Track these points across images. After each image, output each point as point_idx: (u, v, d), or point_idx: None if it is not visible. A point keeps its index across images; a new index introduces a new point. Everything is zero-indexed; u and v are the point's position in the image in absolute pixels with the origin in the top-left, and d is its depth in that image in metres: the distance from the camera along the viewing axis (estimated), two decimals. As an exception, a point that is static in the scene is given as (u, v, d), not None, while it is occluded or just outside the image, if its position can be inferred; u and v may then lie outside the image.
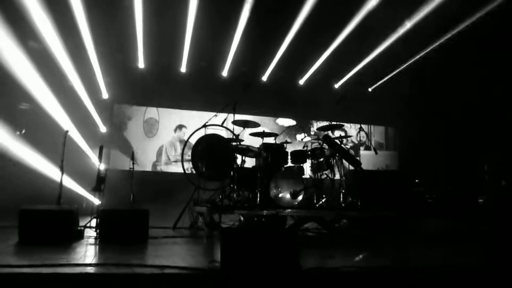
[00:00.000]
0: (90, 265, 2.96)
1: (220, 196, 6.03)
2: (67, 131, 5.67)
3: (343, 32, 8.35)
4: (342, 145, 6.53)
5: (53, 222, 4.22)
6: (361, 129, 7.15)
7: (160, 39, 8.66)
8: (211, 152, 6.42)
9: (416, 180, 7.67)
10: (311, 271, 2.89)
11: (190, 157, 6.20)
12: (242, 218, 6.06)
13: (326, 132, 6.98)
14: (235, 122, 6.52)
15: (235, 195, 5.98)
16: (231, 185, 6.09)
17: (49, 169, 7.35)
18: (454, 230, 5.60)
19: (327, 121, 8.62)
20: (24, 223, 4.13)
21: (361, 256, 3.81)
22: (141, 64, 9.27)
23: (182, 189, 6.90)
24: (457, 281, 2.95)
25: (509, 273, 2.90)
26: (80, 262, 3.05)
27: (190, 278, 2.72)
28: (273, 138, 6.83)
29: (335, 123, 6.99)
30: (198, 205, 6.04)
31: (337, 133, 7.16)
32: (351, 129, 10.85)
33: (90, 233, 4.74)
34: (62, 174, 5.35)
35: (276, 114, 10.54)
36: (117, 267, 2.88)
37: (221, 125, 6.52)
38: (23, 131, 7.79)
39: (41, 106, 7.78)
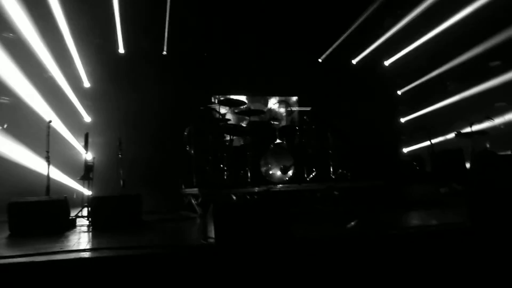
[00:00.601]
0: (84, 250, 2.95)
1: (211, 177, 6.04)
2: (50, 122, 5.57)
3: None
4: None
5: (43, 213, 4.18)
6: None
7: (139, 22, 8.49)
8: (199, 133, 6.42)
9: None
10: (303, 239, 2.92)
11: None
12: (234, 197, 6.08)
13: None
14: (220, 102, 6.48)
15: (225, 175, 5.99)
16: (221, 165, 6.10)
17: (35, 162, 7.24)
18: (440, 194, 5.72)
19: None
20: (13, 216, 4.08)
21: (352, 223, 3.87)
22: (121, 49, 9.09)
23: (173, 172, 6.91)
24: (437, 240, 3.02)
25: (491, 231, 2.97)
26: (74, 248, 3.04)
27: (187, 256, 2.73)
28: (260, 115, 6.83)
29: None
30: (190, 187, 6.04)
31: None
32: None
33: (83, 222, 4.73)
34: (49, 165, 5.29)
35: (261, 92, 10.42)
36: (113, 251, 2.88)
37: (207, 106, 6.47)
38: (5, 126, 7.62)
39: (21, 99, 7.60)
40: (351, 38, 9.85)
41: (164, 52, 9.44)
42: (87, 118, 8.80)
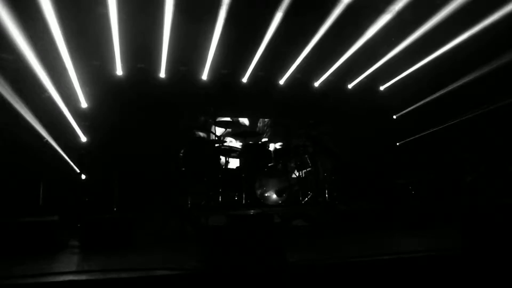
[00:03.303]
0: (73, 272, 2.90)
1: (206, 198, 6.01)
2: (45, 141, 5.57)
3: (320, 30, 8.42)
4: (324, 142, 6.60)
5: (33, 233, 4.13)
6: None
7: (137, 45, 8.59)
8: (194, 155, 6.41)
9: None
10: (296, 263, 2.89)
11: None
12: (228, 220, 6.02)
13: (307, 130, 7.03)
14: (216, 124, 6.51)
15: (220, 197, 5.96)
16: (216, 187, 6.07)
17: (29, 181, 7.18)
18: (435, 217, 5.69)
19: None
20: (3, 235, 4.03)
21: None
22: (119, 71, 9.18)
23: (167, 193, 6.86)
24: (436, 264, 2.99)
25: (483, 255, 2.96)
26: (64, 270, 2.98)
27: (177, 279, 2.69)
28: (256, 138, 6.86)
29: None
30: (184, 208, 6.00)
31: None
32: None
33: (74, 243, 4.66)
34: (42, 184, 5.26)
35: (257, 114, 10.49)
36: (103, 273, 2.83)
37: (203, 128, 6.50)
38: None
39: (17, 118, 7.60)
40: (347, 62, 9.98)
41: (162, 75, 9.54)
42: (83, 139, 8.80)
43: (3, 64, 7.39)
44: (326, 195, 6.25)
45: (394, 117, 11.67)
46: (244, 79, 10.21)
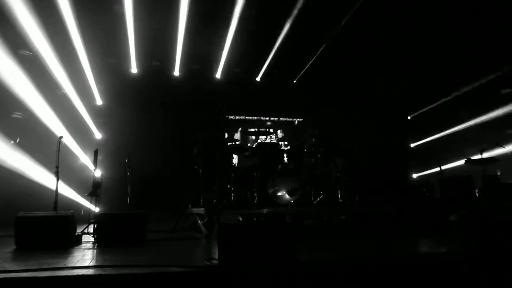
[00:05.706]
0: (87, 267, 2.94)
1: (218, 197, 6.02)
2: (61, 137, 5.63)
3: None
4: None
5: (49, 228, 4.19)
6: None
7: (152, 43, 8.66)
8: (207, 153, 6.43)
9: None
10: (307, 264, 2.88)
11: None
12: (240, 218, 6.04)
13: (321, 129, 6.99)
14: (230, 122, 6.53)
15: (232, 195, 5.96)
16: (228, 186, 6.07)
17: (45, 177, 7.31)
18: (449, 219, 5.62)
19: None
20: (20, 230, 4.11)
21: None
22: (134, 69, 9.27)
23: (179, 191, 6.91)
24: (445, 267, 2.96)
25: (494, 259, 2.91)
26: (78, 265, 3.03)
27: (189, 276, 2.71)
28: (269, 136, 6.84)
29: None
30: (196, 206, 6.03)
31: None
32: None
33: (88, 239, 4.73)
34: (58, 180, 5.33)
35: (270, 113, 10.48)
36: (115, 268, 2.86)
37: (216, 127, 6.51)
38: (18, 140, 7.74)
39: (35, 114, 7.74)
40: (360, 62, 9.90)
41: (176, 73, 9.61)
42: (98, 135, 8.91)
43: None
44: (339, 196, 6.21)
45: (409, 117, 11.56)
46: (258, 78, 10.22)
